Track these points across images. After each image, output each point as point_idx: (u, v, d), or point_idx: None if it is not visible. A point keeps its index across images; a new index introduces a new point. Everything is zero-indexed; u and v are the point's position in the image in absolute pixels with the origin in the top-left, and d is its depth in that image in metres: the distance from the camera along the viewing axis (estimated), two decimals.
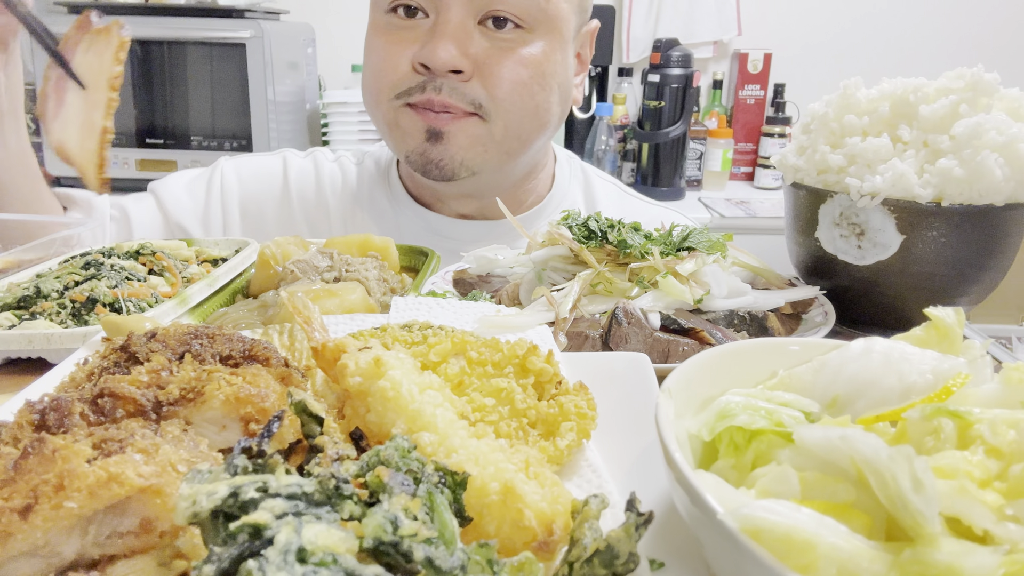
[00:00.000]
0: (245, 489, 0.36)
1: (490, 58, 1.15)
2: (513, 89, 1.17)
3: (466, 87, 1.15)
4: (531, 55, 1.17)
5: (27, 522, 0.38)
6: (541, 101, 1.21)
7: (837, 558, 0.36)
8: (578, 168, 1.52)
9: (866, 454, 0.38)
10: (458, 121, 1.18)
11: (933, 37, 3.24)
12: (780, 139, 3.10)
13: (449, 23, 1.12)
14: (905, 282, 0.89)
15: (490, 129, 1.19)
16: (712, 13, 3.18)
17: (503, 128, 1.19)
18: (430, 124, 1.18)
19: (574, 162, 1.53)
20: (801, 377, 0.54)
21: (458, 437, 0.47)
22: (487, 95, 1.16)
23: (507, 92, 1.17)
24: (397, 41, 1.17)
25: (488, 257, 1.04)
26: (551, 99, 1.23)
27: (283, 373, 0.54)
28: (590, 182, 1.50)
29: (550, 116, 1.25)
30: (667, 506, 0.50)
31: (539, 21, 1.16)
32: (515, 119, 1.20)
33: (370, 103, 1.26)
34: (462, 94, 1.15)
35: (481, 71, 1.15)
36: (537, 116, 1.22)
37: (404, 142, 1.22)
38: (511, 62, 1.16)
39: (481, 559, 0.37)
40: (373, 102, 1.24)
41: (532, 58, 1.17)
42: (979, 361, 0.51)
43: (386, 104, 1.20)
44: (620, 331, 0.78)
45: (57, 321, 0.86)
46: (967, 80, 0.87)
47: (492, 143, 1.20)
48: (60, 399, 0.46)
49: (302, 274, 0.94)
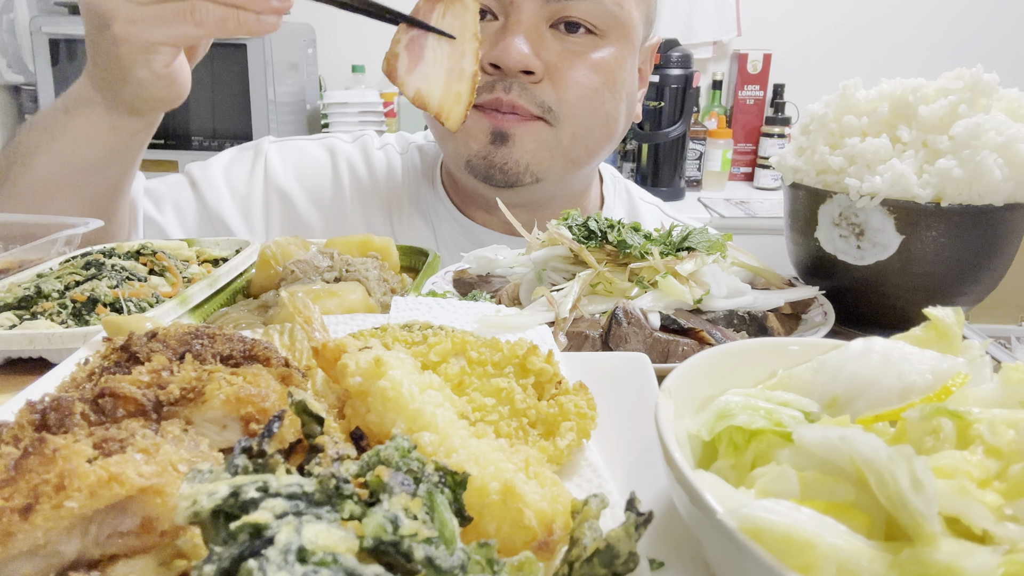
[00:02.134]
0: (245, 489, 0.36)
1: (562, 61, 1.12)
2: (584, 95, 1.13)
3: (536, 89, 1.12)
4: (603, 61, 1.14)
5: (28, 522, 0.38)
6: (611, 109, 1.18)
7: (836, 558, 0.36)
8: (623, 189, 1.48)
9: (865, 454, 0.38)
10: (525, 124, 1.14)
11: (932, 37, 3.24)
12: (779, 139, 3.10)
13: (521, 23, 1.09)
14: (904, 282, 0.89)
15: (557, 135, 1.15)
16: (712, 14, 3.18)
17: (571, 135, 1.16)
18: (496, 125, 1.14)
19: (619, 182, 1.49)
20: (800, 377, 0.54)
21: (458, 437, 0.47)
22: (557, 99, 1.13)
23: (578, 97, 1.13)
24: None
25: (488, 257, 1.04)
26: (620, 108, 1.19)
27: (283, 373, 0.54)
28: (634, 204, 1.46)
29: (617, 126, 1.21)
30: (667, 506, 0.50)
31: (611, 27, 1.13)
32: (584, 126, 1.16)
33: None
34: (532, 95, 1.12)
35: (552, 74, 1.12)
36: (606, 125, 1.19)
37: (467, 145, 1.18)
38: (583, 66, 1.12)
39: (481, 559, 0.37)
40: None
41: (604, 64, 1.14)
42: (978, 361, 0.52)
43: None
44: (620, 331, 0.78)
45: (58, 321, 0.86)
46: (966, 80, 0.88)
47: (559, 149, 1.17)
48: (61, 399, 0.46)
49: (302, 274, 0.94)
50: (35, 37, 2.46)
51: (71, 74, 2.52)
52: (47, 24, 2.46)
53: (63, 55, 2.49)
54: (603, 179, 1.47)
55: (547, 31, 1.11)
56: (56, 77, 2.51)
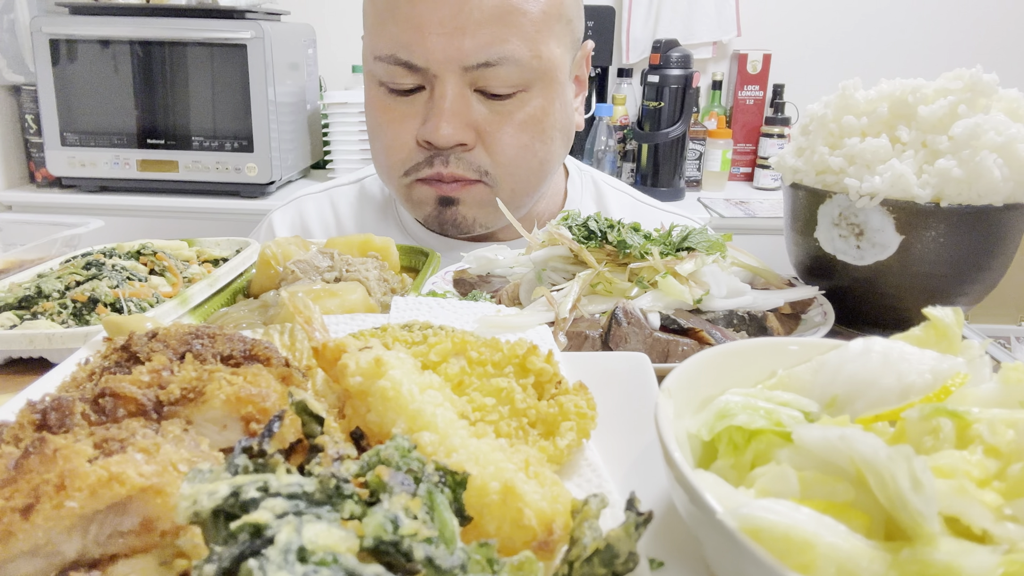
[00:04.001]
0: (246, 488, 0.36)
1: (490, 125, 1.14)
2: (516, 154, 1.17)
3: (471, 156, 1.16)
4: (530, 116, 1.16)
5: (28, 521, 0.38)
6: (544, 156, 1.21)
7: (836, 557, 0.36)
8: (589, 180, 1.50)
9: (865, 454, 0.38)
10: (467, 188, 1.19)
11: (932, 38, 3.24)
12: (779, 140, 3.10)
13: (446, 98, 1.11)
14: (904, 282, 0.89)
15: (497, 193, 1.19)
16: (711, 14, 3.18)
17: (510, 190, 1.20)
18: (442, 194, 1.20)
19: (585, 175, 1.51)
20: (800, 377, 0.54)
21: (458, 437, 0.47)
22: (492, 162, 1.17)
23: (511, 158, 1.17)
24: (399, 119, 1.17)
25: (488, 257, 1.04)
26: (552, 148, 1.23)
27: (284, 373, 0.54)
28: (602, 193, 1.49)
29: (553, 162, 1.26)
30: (667, 506, 0.50)
31: (534, 79, 1.14)
32: (521, 179, 1.20)
33: (383, 176, 1.29)
34: (467, 163, 1.16)
35: (483, 139, 1.15)
36: (541, 170, 1.23)
37: (419, 210, 1.25)
38: (511, 128, 1.15)
39: (481, 558, 0.37)
40: (386, 177, 1.27)
41: (531, 119, 1.16)
42: (978, 361, 0.51)
43: (397, 180, 1.23)
44: (620, 331, 0.78)
45: (58, 321, 0.86)
46: (966, 81, 0.88)
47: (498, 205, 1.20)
48: (61, 399, 0.46)
49: (303, 274, 0.94)
50: (35, 37, 2.46)
51: (71, 74, 2.52)
52: (47, 24, 2.46)
53: (63, 55, 2.49)
54: (569, 173, 1.50)
55: (472, 95, 1.13)
56: (56, 77, 2.51)
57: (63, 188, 2.70)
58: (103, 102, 2.54)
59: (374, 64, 1.16)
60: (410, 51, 1.10)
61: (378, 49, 1.14)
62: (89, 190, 2.63)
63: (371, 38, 1.17)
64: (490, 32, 1.08)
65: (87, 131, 2.56)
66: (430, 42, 1.08)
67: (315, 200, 1.51)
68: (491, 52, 1.09)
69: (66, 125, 2.54)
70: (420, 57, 1.10)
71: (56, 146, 2.55)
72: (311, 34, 2.92)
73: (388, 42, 1.12)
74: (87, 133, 2.56)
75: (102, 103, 2.54)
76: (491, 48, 1.08)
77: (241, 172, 2.56)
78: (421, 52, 1.09)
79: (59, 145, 2.55)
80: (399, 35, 1.10)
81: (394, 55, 1.11)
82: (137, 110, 2.54)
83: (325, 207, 1.50)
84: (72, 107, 2.54)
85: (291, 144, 2.71)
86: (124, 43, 2.49)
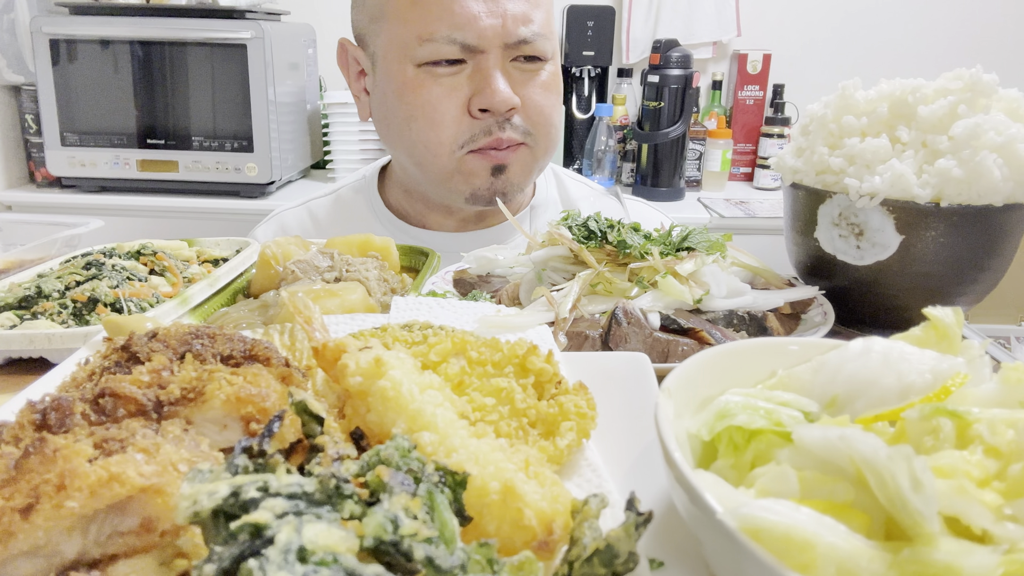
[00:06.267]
0: (246, 488, 0.36)
1: (527, 91, 1.25)
2: (549, 113, 1.29)
3: (516, 120, 1.25)
4: (550, 79, 1.29)
5: (28, 521, 0.38)
6: (558, 118, 1.34)
7: (836, 557, 0.36)
8: (550, 173, 1.59)
9: (865, 454, 0.38)
10: (515, 152, 1.27)
11: (931, 38, 3.24)
12: (779, 140, 3.10)
13: (495, 67, 1.20)
14: (904, 282, 0.89)
15: (535, 153, 1.30)
16: (711, 14, 3.18)
17: (544, 150, 1.31)
18: (496, 162, 1.26)
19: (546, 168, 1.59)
20: (800, 377, 0.54)
21: (458, 437, 0.47)
22: (531, 123, 1.27)
23: (544, 117, 1.28)
24: (446, 94, 1.21)
25: (488, 257, 1.04)
26: (561, 108, 1.35)
27: (284, 373, 0.54)
28: (563, 183, 1.58)
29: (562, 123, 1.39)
30: (667, 506, 0.50)
31: (549, 49, 1.27)
32: (552, 138, 1.32)
33: (427, 158, 1.27)
34: (515, 127, 1.25)
35: (523, 103, 1.25)
36: (559, 132, 1.36)
37: (469, 183, 1.28)
38: (541, 90, 1.27)
39: (481, 558, 0.37)
40: (432, 156, 1.26)
41: (552, 82, 1.29)
42: (978, 361, 0.52)
43: (447, 156, 1.25)
44: (620, 331, 0.78)
45: (58, 321, 0.86)
46: (965, 81, 0.88)
47: (535, 164, 1.33)
48: (61, 399, 0.46)
49: (303, 274, 0.94)
50: (35, 37, 2.46)
51: (71, 74, 2.52)
52: (47, 24, 2.45)
53: (63, 55, 2.49)
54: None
55: (510, 66, 1.24)
56: (56, 77, 2.51)
57: (63, 188, 2.70)
58: (103, 102, 2.54)
59: (418, 47, 1.20)
60: (464, 31, 1.17)
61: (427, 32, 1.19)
62: (89, 190, 2.63)
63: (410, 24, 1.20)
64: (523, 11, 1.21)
65: (87, 131, 2.55)
66: (482, 22, 1.17)
67: (294, 213, 1.56)
68: (528, 30, 1.21)
69: (66, 125, 2.54)
70: (473, 36, 1.18)
71: (56, 146, 2.55)
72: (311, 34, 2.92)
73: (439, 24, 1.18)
74: (87, 133, 2.56)
75: (102, 103, 2.54)
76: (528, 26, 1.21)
77: (241, 172, 2.56)
78: (474, 32, 1.17)
79: (59, 145, 2.55)
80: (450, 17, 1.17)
81: (449, 36, 1.18)
82: (137, 110, 2.54)
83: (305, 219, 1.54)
84: (72, 107, 2.54)
85: (291, 144, 2.71)
86: (124, 43, 2.48)
